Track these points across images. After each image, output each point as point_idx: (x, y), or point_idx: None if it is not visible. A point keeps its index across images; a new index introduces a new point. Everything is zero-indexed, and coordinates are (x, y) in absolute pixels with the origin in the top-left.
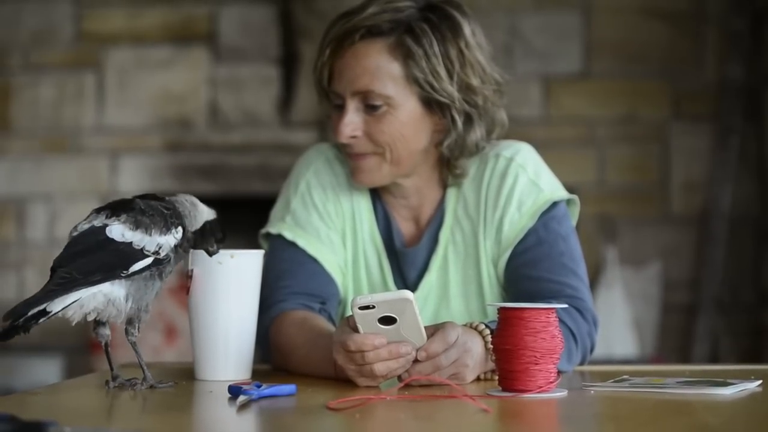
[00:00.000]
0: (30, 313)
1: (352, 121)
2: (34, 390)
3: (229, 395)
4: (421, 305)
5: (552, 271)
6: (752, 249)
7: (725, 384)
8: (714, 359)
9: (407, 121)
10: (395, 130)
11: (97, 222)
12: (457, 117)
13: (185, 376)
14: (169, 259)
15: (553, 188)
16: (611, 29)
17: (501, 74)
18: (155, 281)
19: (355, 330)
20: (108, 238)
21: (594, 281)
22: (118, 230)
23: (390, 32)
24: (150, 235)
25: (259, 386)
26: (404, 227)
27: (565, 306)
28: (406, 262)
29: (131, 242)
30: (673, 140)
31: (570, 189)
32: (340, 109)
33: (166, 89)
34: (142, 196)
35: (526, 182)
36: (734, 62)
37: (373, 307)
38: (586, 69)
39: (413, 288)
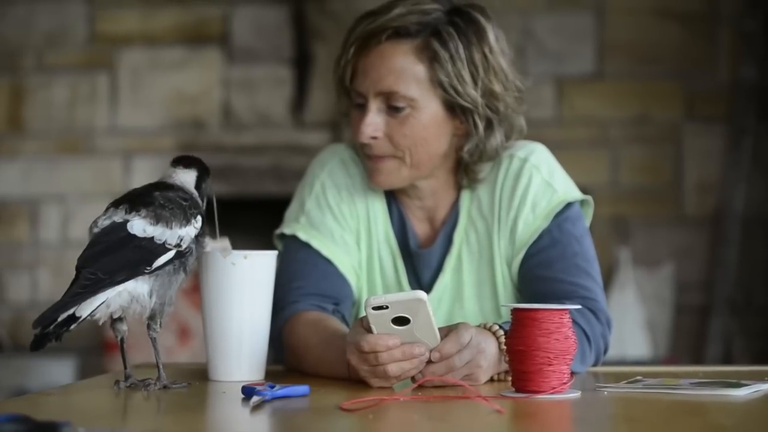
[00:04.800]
0: (60, 319)
1: (374, 122)
2: (47, 390)
3: (243, 396)
4: (435, 306)
5: (566, 271)
6: (765, 250)
7: (739, 385)
8: (727, 360)
9: (429, 124)
10: (417, 134)
11: (117, 218)
12: (479, 122)
13: (199, 376)
14: (191, 251)
15: (567, 189)
16: (624, 30)
17: (521, 80)
18: (179, 274)
19: (369, 330)
20: (130, 234)
21: (607, 282)
22: (140, 225)
23: (417, 34)
24: (171, 228)
25: (272, 387)
26: (419, 228)
27: (579, 307)
28: (420, 263)
29: (153, 237)
30: (686, 141)
31: (583, 190)
32: (362, 108)
33: (179, 90)
34: (155, 186)
35: (540, 183)
36: (747, 63)
37: (387, 307)
38: (599, 70)
39: (428, 289)
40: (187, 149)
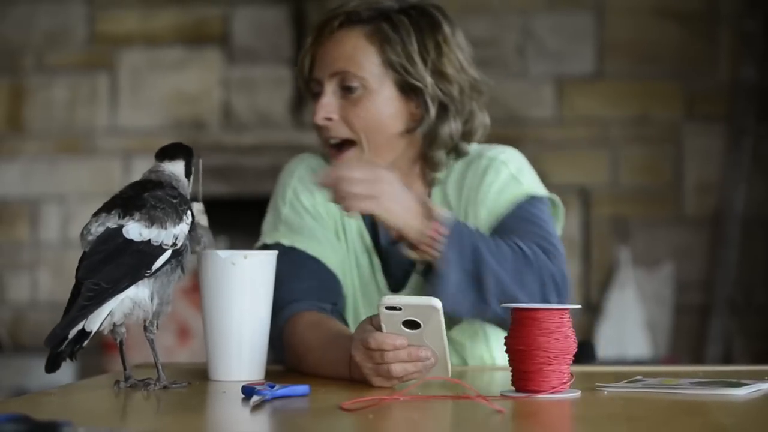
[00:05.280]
0: (71, 336)
1: (329, 103)
2: (47, 390)
3: (243, 396)
4: None
5: (526, 232)
6: (765, 250)
7: (739, 385)
8: (727, 360)
9: (383, 106)
10: (371, 115)
11: (111, 223)
12: (430, 103)
13: (199, 376)
14: (186, 248)
15: (533, 185)
16: (624, 30)
17: (482, 77)
18: (176, 272)
19: (378, 329)
20: (127, 239)
21: (607, 282)
22: (135, 230)
23: (369, 20)
24: (165, 228)
25: (272, 387)
26: None
27: (579, 306)
28: (392, 259)
29: (149, 240)
30: (686, 141)
31: (583, 190)
32: (320, 96)
33: (179, 90)
34: (142, 187)
35: (507, 176)
36: (747, 63)
37: (400, 309)
38: (599, 69)
39: (401, 285)
40: None
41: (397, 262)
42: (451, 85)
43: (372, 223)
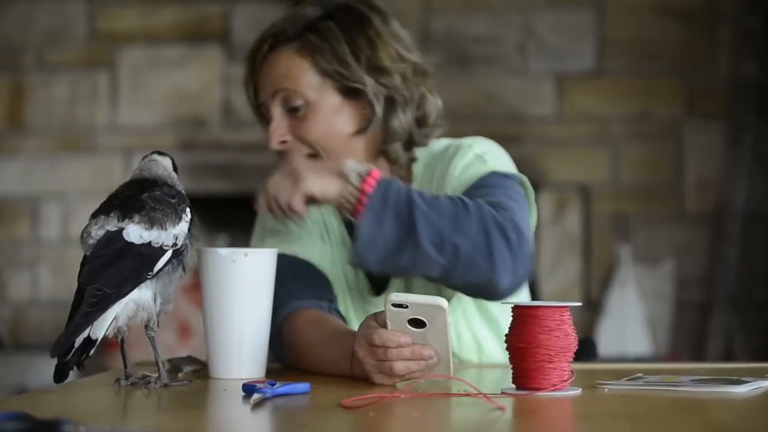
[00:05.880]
0: (77, 345)
1: (279, 126)
2: (48, 388)
3: (244, 393)
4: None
5: (479, 196)
6: (766, 246)
7: (740, 382)
8: (728, 357)
9: (329, 115)
10: (321, 127)
11: (111, 226)
12: (374, 100)
13: (199, 374)
14: (186, 247)
15: (499, 164)
16: (625, 27)
17: (425, 59)
18: (177, 272)
19: (383, 325)
20: (127, 243)
21: (607, 279)
22: (135, 232)
23: (296, 36)
24: (165, 229)
25: (273, 384)
26: None
27: (580, 304)
28: None
29: (149, 242)
30: (687, 138)
31: (583, 187)
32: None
33: (180, 88)
34: (139, 187)
35: (472, 156)
36: (748, 60)
37: (406, 307)
38: (599, 67)
39: (382, 285)
40: (187, 147)
41: None
42: (392, 77)
43: (351, 227)
